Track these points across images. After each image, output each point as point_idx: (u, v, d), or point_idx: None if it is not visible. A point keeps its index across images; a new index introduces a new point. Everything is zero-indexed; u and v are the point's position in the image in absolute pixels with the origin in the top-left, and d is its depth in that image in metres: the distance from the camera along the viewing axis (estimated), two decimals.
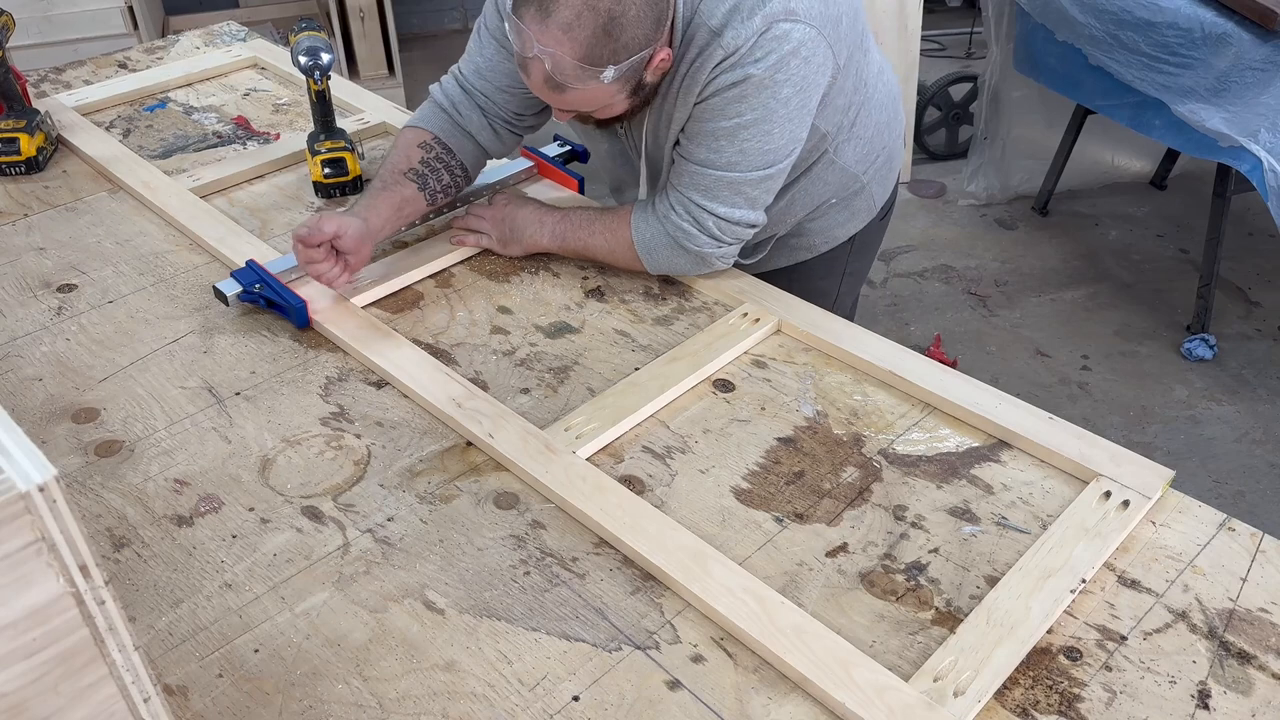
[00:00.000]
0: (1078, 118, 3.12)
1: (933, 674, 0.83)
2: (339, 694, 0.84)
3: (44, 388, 1.17)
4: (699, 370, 1.16)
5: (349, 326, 1.23)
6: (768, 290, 1.30)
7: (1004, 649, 0.85)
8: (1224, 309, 2.85)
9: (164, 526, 0.99)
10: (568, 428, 1.08)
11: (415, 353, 1.19)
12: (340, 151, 1.53)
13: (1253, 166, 2.36)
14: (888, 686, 0.82)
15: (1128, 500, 0.98)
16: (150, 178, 1.55)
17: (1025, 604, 0.89)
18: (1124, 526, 0.96)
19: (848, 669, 0.83)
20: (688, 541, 0.95)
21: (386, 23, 3.77)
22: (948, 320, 2.81)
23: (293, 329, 1.26)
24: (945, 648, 0.86)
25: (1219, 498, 2.26)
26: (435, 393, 1.13)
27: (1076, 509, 0.98)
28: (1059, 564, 0.92)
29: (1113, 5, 2.59)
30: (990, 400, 1.11)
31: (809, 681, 0.83)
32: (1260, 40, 2.38)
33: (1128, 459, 1.03)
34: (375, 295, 1.31)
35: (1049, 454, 1.05)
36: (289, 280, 1.28)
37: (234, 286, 1.27)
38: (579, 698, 0.83)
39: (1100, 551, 0.93)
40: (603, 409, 1.11)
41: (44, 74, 1.94)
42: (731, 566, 0.92)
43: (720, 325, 1.24)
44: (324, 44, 1.48)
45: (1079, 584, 0.90)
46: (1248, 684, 0.84)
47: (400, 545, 0.97)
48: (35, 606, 0.49)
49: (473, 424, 1.08)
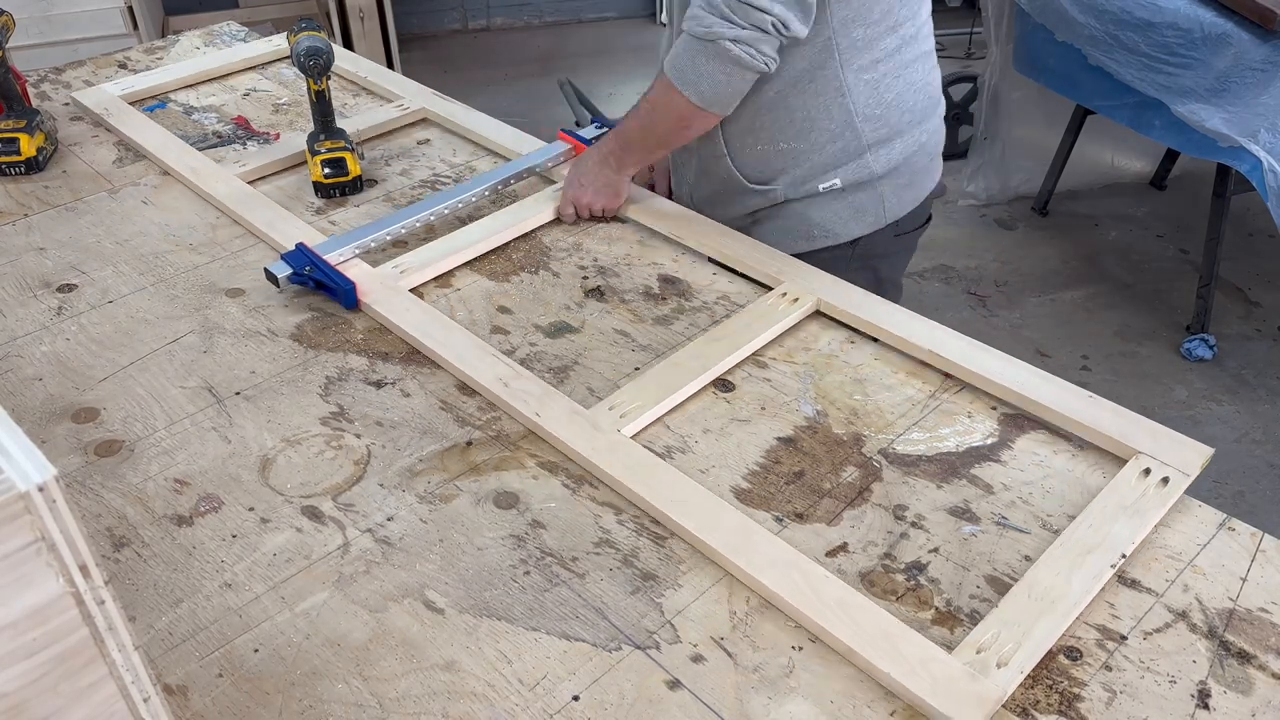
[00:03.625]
0: (1077, 118, 3.13)
1: (975, 646, 0.85)
2: (339, 694, 0.84)
3: (44, 388, 1.17)
4: (740, 349, 1.19)
5: (397, 308, 1.25)
6: (806, 270, 1.31)
7: (1046, 621, 0.87)
8: (1224, 309, 2.85)
9: (164, 526, 0.99)
10: (612, 406, 1.10)
11: (463, 334, 1.21)
12: (340, 151, 1.53)
13: (1252, 166, 2.36)
14: (931, 658, 0.84)
15: (1167, 477, 1.00)
16: (198, 164, 1.58)
17: (1067, 579, 0.90)
18: (1164, 503, 0.97)
19: (892, 641, 0.85)
20: (731, 515, 0.97)
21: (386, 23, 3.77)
22: (948, 320, 2.80)
23: (293, 329, 1.26)
24: (987, 622, 0.87)
25: (1219, 498, 2.26)
26: (483, 372, 1.15)
27: (1116, 486, 1.00)
28: (1099, 541, 0.94)
29: (1112, 5, 2.59)
30: (1032, 379, 1.13)
31: (854, 653, 0.85)
32: (1260, 40, 2.38)
33: (1166, 435, 1.05)
34: (422, 278, 1.33)
35: (1088, 431, 1.07)
36: (338, 263, 1.32)
37: (285, 269, 1.30)
38: (579, 697, 0.83)
39: (1140, 528, 0.95)
40: (646, 388, 1.13)
41: (44, 74, 1.94)
42: (775, 540, 0.94)
43: (760, 305, 1.25)
44: (324, 44, 1.48)
45: (1119, 559, 0.92)
46: (1248, 684, 0.84)
47: (400, 545, 0.97)
48: (35, 606, 0.49)
49: (519, 403, 1.11)
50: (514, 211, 1.46)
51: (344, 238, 1.37)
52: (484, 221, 1.44)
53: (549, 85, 3.88)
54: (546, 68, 4.40)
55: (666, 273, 1.36)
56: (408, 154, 1.67)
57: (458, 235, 1.41)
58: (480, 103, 1.79)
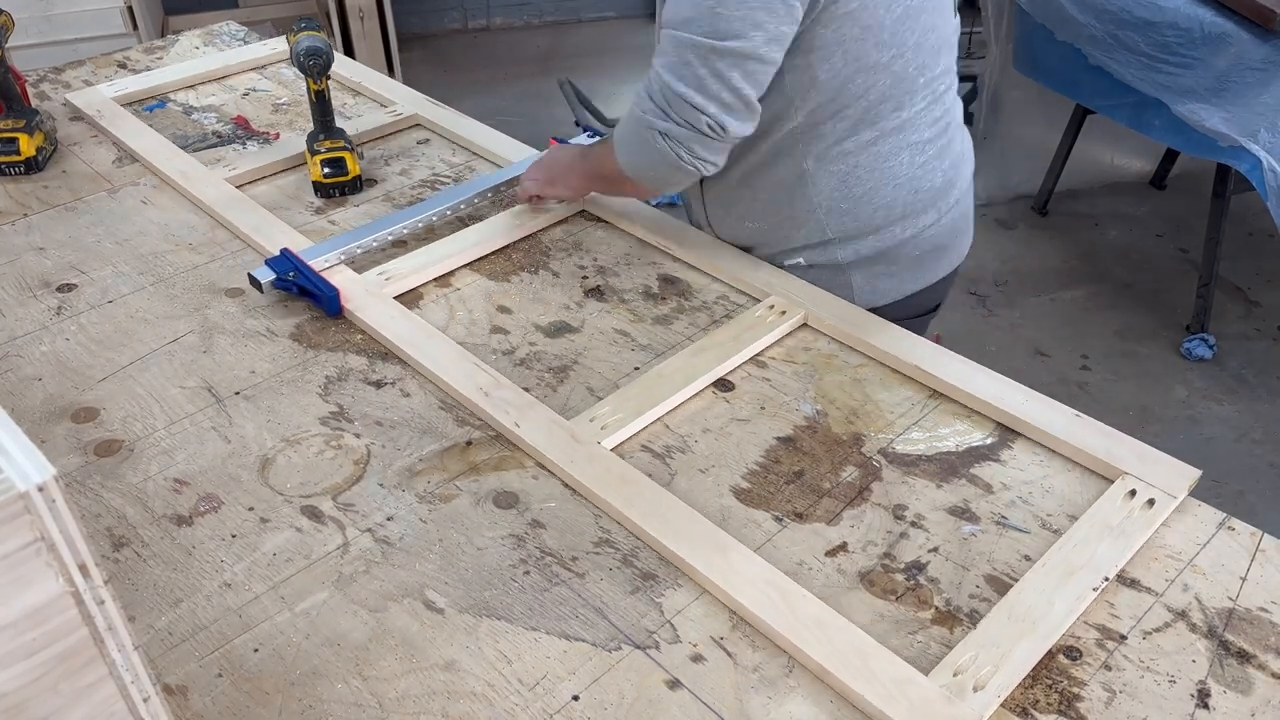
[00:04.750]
0: (1077, 118, 3.12)
1: (953, 668, 0.84)
2: (339, 693, 0.84)
3: (43, 387, 1.17)
4: (727, 361, 1.18)
5: (380, 315, 1.25)
6: (794, 283, 1.31)
7: (1025, 644, 0.85)
8: (1224, 309, 2.85)
9: (163, 526, 0.99)
10: (593, 418, 1.10)
11: (445, 343, 1.20)
12: (340, 151, 1.53)
13: (1252, 166, 2.36)
14: (908, 680, 0.83)
15: (1152, 499, 0.99)
16: (188, 167, 1.57)
17: (1048, 599, 0.89)
18: (1148, 525, 0.96)
19: (867, 661, 0.84)
20: (709, 532, 0.96)
21: (386, 23, 3.77)
22: (947, 320, 2.81)
23: (292, 328, 1.26)
24: (966, 643, 0.86)
25: (1219, 498, 2.26)
26: (464, 382, 1.14)
27: (1101, 507, 0.99)
28: (1082, 562, 0.93)
29: (1113, 5, 2.59)
30: (1016, 396, 1.12)
31: (828, 673, 0.84)
32: (1260, 40, 2.38)
33: (1153, 457, 1.04)
34: (408, 285, 1.33)
35: (1074, 451, 1.05)
36: (322, 269, 1.31)
37: (269, 274, 1.29)
38: (579, 697, 0.83)
39: (1125, 550, 0.94)
40: (628, 400, 1.12)
41: (43, 74, 1.94)
42: (752, 557, 0.93)
43: (747, 317, 1.25)
44: (323, 44, 1.48)
45: (1101, 582, 0.91)
46: (1247, 683, 0.84)
47: (400, 545, 0.97)
48: (35, 606, 0.49)
49: (500, 413, 1.10)
50: (511, 216, 1.45)
51: (329, 244, 1.36)
52: (479, 226, 1.43)
53: (549, 85, 3.88)
54: (546, 67, 4.40)
55: (666, 272, 1.36)
56: (407, 154, 1.67)
57: (447, 242, 1.39)
58: (480, 102, 1.80)
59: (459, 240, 1.40)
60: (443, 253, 1.37)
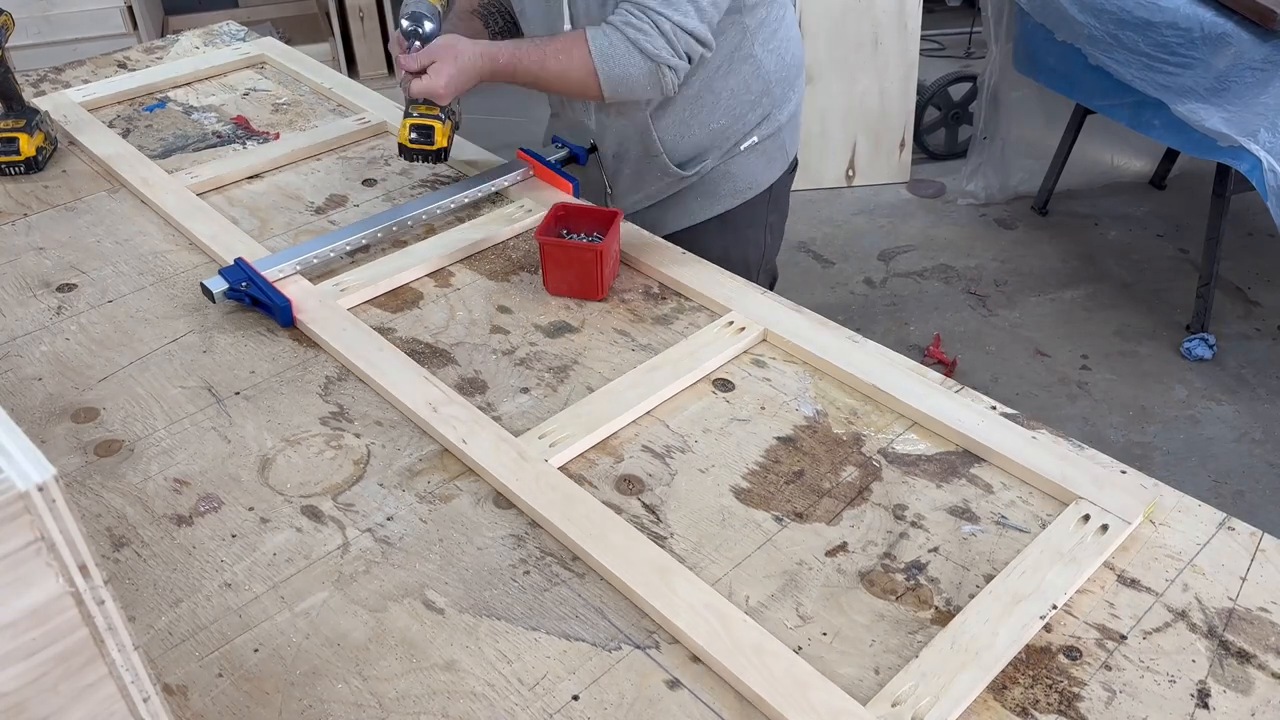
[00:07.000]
0: (1077, 117, 3.13)
1: (891, 698, 0.82)
2: (339, 693, 0.84)
3: (43, 387, 1.17)
4: (681, 378, 1.15)
5: (332, 327, 1.23)
6: (755, 298, 1.28)
7: (966, 675, 0.83)
8: (1223, 309, 2.85)
9: (164, 526, 0.99)
10: (542, 435, 1.07)
11: (396, 355, 1.18)
12: (432, 120, 1.45)
13: (1252, 166, 2.36)
14: (844, 710, 0.80)
15: (1106, 525, 0.96)
16: (150, 174, 1.55)
17: (993, 629, 0.86)
18: (1100, 552, 0.93)
19: (805, 691, 0.82)
20: (654, 556, 0.93)
21: (386, 23, 3.77)
22: (947, 320, 2.81)
23: (292, 328, 1.26)
24: (906, 671, 0.84)
25: (1219, 497, 2.26)
26: (412, 396, 1.12)
27: (1053, 531, 0.96)
28: (1030, 589, 0.90)
29: (1112, 5, 2.59)
30: (972, 417, 1.09)
31: (764, 702, 0.81)
32: (1260, 40, 2.38)
33: (1110, 481, 1.00)
34: (362, 297, 1.30)
35: (1028, 474, 1.03)
36: (276, 280, 1.29)
37: (221, 284, 1.27)
38: (579, 697, 0.84)
39: (1075, 578, 0.91)
40: (579, 417, 1.10)
41: (43, 74, 1.94)
42: (697, 583, 0.91)
43: (705, 333, 1.23)
44: (431, 11, 1.40)
45: (1050, 610, 0.88)
46: (1247, 683, 0.84)
47: (400, 545, 0.97)
48: (35, 606, 0.49)
49: (447, 429, 1.08)
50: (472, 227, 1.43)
51: (284, 254, 1.33)
52: (443, 236, 1.41)
53: None
54: None
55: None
56: None
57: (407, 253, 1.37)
58: (478, 101, 1.79)
59: (420, 250, 1.37)
60: (399, 264, 1.35)
